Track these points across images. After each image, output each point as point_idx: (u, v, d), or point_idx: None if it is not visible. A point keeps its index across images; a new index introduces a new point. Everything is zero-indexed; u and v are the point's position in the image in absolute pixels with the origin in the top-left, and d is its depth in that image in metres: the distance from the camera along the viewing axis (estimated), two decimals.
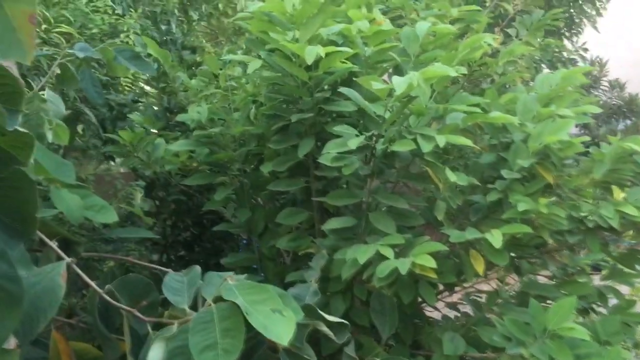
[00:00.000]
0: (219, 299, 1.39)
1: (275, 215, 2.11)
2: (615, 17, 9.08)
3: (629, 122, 9.27)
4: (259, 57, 2.03)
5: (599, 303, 2.21)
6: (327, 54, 1.80)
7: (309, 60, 1.73)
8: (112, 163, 4.48)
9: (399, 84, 1.56)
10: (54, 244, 1.43)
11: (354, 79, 1.99)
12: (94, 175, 3.96)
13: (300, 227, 2.23)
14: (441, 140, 1.65)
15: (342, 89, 1.81)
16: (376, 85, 1.65)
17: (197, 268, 1.53)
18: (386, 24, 2.02)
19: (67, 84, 2.00)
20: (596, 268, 2.51)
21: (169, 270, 1.65)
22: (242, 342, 1.29)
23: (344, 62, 1.90)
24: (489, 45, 2.12)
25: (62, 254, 1.40)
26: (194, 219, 3.24)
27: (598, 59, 8.77)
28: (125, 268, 2.84)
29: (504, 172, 1.86)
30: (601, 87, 9.31)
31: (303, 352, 1.57)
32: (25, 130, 1.00)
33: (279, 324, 1.31)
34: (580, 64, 8.25)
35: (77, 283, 2.37)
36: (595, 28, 7.84)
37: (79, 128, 3.23)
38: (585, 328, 1.65)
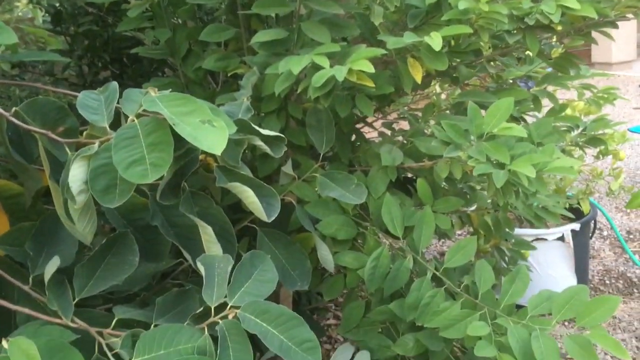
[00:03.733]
0: (142, 115, 1.27)
1: (198, 34, 1.92)
2: None
3: None
4: None
5: (530, 114, 2.22)
6: None
7: None
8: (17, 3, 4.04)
9: None
10: None
11: None
12: None
13: (227, 49, 2.07)
14: None
15: None
16: None
17: (114, 84, 1.38)
18: None
19: None
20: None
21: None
22: (171, 155, 1.19)
23: None
24: None
25: None
26: (112, 55, 3.01)
27: None
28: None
29: None
30: None
31: (239, 169, 1.49)
32: None
33: (210, 134, 1.20)
34: None
35: None
36: None
37: None
38: None
